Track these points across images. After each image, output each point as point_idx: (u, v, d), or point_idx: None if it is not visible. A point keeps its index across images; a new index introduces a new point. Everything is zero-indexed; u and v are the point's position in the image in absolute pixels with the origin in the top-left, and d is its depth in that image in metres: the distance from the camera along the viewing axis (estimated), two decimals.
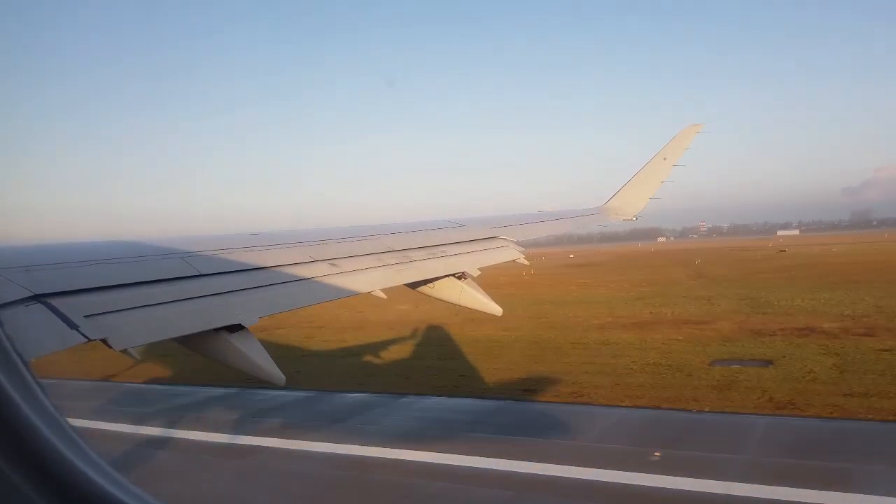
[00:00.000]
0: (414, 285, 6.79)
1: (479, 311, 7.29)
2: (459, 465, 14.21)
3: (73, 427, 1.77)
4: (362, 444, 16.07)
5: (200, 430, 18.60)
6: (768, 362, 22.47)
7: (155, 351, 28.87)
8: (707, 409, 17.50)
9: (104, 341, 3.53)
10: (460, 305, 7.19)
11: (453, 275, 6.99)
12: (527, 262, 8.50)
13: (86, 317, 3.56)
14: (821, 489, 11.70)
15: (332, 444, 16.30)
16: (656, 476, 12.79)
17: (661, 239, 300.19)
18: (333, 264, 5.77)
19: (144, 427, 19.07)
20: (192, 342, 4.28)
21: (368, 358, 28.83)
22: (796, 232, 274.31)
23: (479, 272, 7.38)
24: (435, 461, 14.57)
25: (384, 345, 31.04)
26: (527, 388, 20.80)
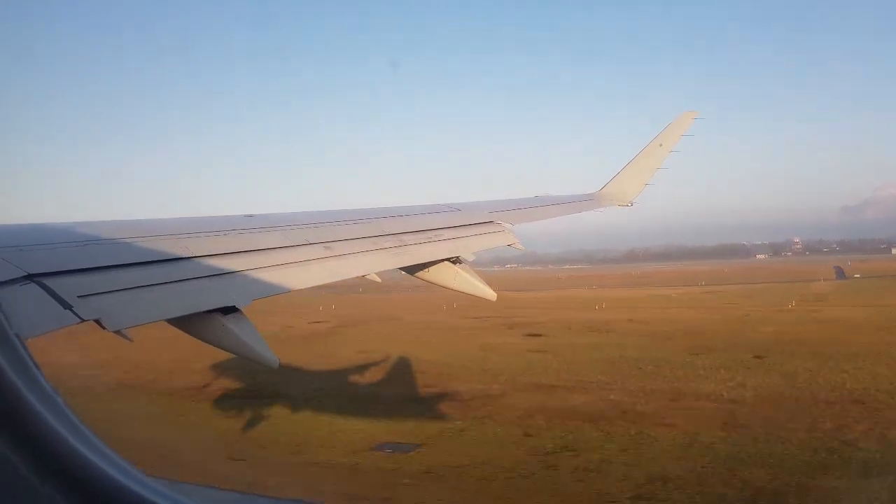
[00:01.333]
0: (410, 270, 6.81)
1: (474, 296, 7.33)
2: None
3: (71, 410, 1.78)
4: None
5: None
6: None
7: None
8: None
9: (97, 322, 3.53)
10: (455, 290, 7.23)
11: (448, 259, 7.02)
12: (522, 248, 8.49)
13: (79, 297, 3.56)
14: None
15: None
16: None
17: (760, 256, 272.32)
18: (328, 247, 5.77)
19: None
20: (186, 324, 4.29)
21: None
22: None
23: (474, 256, 7.40)
24: None
25: None
26: None
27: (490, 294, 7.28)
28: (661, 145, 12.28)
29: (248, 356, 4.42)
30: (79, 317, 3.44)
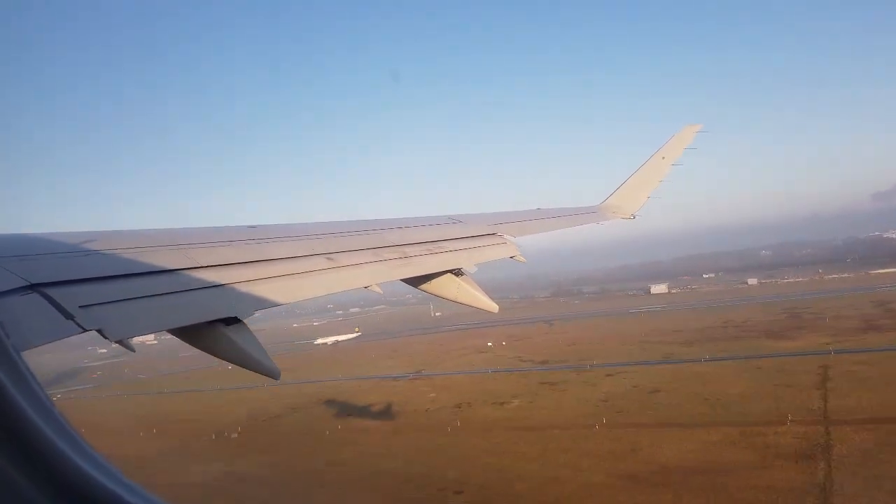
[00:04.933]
0: (412, 282, 6.79)
1: (475, 308, 7.30)
2: None
3: (66, 419, 1.77)
4: None
5: None
6: None
7: None
8: None
9: (99, 332, 3.51)
10: (457, 302, 7.20)
11: (451, 271, 7.00)
12: (524, 260, 8.44)
13: (81, 307, 3.54)
14: None
15: None
16: None
17: None
18: (331, 258, 5.76)
19: None
20: (188, 334, 4.27)
21: None
22: None
23: (476, 268, 7.38)
24: None
25: None
26: None
27: (492, 306, 7.25)
28: (663, 158, 12.30)
29: (250, 367, 4.39)
30: (81, 327, 3.43)
